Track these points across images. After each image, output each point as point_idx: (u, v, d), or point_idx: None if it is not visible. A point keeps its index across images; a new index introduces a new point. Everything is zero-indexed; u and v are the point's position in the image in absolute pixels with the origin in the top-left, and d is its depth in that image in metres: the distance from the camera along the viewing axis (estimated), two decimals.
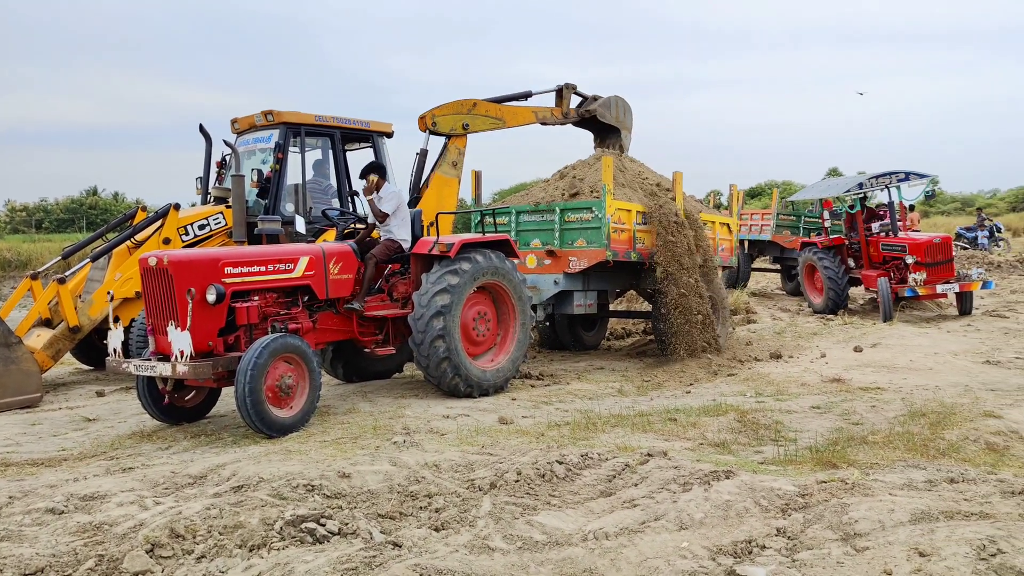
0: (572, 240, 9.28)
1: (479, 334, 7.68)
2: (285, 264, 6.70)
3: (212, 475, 4.86)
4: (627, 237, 9.26)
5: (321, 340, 7.08)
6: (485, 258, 7.58)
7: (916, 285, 12.98)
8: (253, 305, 6.41)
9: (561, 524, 4.00)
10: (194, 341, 5.91)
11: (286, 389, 6.14)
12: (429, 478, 4.74)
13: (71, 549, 3.73)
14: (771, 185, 54.43)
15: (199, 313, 6.05)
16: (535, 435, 5.90)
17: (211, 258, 6.35)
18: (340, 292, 7.09)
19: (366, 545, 3.72)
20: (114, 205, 54.09)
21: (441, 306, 7.13)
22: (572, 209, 9.30)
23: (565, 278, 9.26)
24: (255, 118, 9.95)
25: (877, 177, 14.32)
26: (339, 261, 7.08)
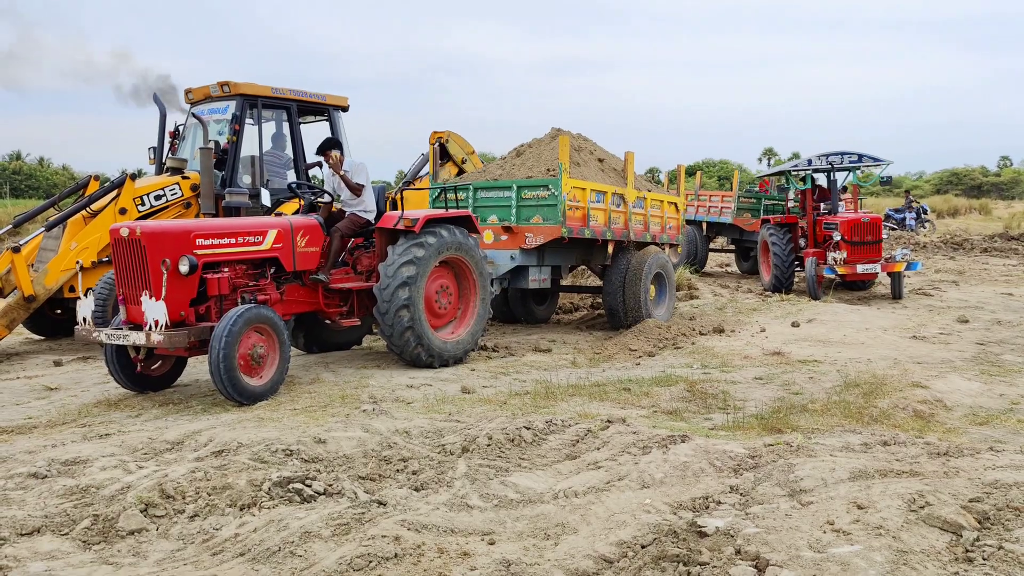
0: (528, 217, 9.58)
1: (441, 307, 7.92)
2: (254, 236, 6.82)
3: (189, 441, 5.00)
4: (582, 215, 9.59)
5: (288, 311, 7.22)
6: (449, 233, 7.80)
7: (835, 264, 13.15)
8: (224, 276, 6.52)
9: (533, 484, 4.30)
10: (168, 311, 6.01)
11: (257, 358, 6.28)
12: (401, 444, 4.97)
13: (62, 510, 3.86)
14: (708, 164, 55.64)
15: (172, 283, 6.14)
16: (498, 403, 6.18)
17: (183, 229, 6.44)
18: (306, 264, 7.25)
19: (352, 503, 3.95)
20: (39, 171, 52.14)
21: (407, 277, 7.35)
22: (529, 187, 9.61)
23: (521, 253, 9.56)
24: (210, 89, 9.88)
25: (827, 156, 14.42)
26: (306, 234, 7.22)
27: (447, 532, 3.62)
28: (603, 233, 9.92)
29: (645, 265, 10.22)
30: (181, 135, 10.29)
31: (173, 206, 9.25)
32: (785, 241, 14.61)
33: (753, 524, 3.56)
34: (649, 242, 10.86)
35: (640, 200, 10.70)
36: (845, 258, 13.25)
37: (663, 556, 3.29)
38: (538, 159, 10.20)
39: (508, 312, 11.38)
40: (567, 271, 10.90)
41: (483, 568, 3.25)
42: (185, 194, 9.35)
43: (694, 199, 19.34)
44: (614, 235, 10.13)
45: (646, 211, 10.81)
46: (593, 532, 3.62)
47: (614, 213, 10.14)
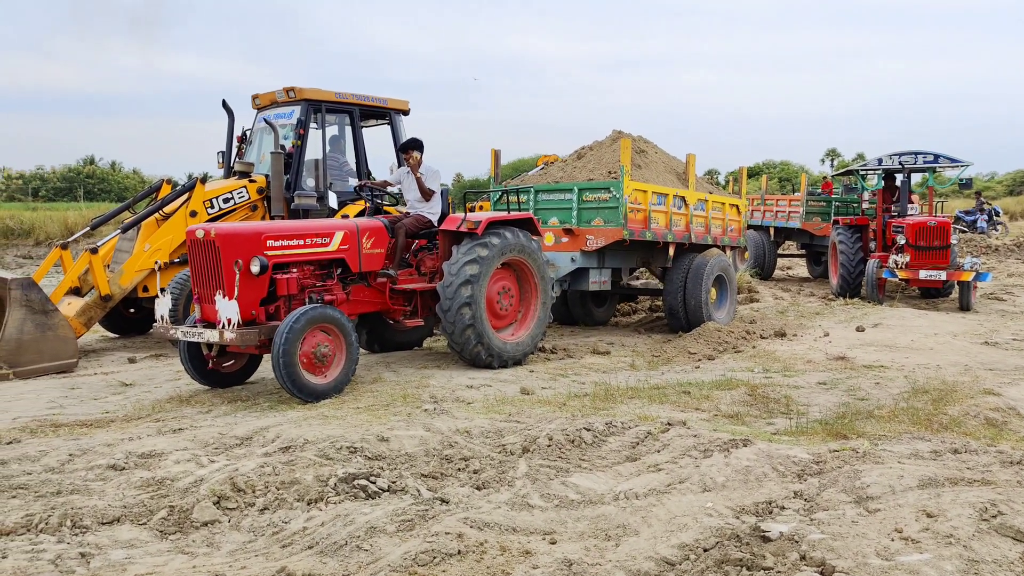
0: (589, 219, 9.57)
1: (502, 308, 7.98)
2: (322, 238, 7.01)
3: (257, 437, 5.16)
4: (643, 217, 9.57)
5: (353, 311, 7.39)
6: (512, 235, 7.89)
7: (897, 267, 12.71)
8: (292, 277, 6.71)
9: (593, 485, 4.31)
10: (241, 310, 6.21)
11: (321, 357, 6.42)
12: (462, 443, 5.04)
13: (139, 501, 4.02)
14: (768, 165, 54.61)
15: (244, 283, 6.35)
16: (557, 405, 6.21)
17: (255, 231, 6.65)
18: (372, 266, 7.40)
19: (416, 500, 4.02)
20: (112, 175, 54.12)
21: (470, 275, 7.45)
22: (590, 189, 9.58)
23: (582, 255, 9.58)
24: (276, 94, 10.13)
25: (900, 155, 13.94)
26: (371, 236, 7.38)
27: (509, 531, 3.66)
28: (664, 235, 9.89)
29: (706, 268, 10.13)
30: (248, 140, 10.58)
31: (240, 209, 9.52)
32: (853, 242, 14.25)
33: (818, 530, 3.52)
34: (710, 244, 10.79)
35: (701, 202, 10.62)
36: (908, 262, 12.83)
37: (726, 560, 3.28)
38: (599, 161, 10.21)
39: (567, 314, 11.40)
40: (627, 273, 10.89)
41: (545, 567, 3.28)
42: (252, 197, 9.61)
43: (760, 204, 18.94)
44: (675, 237, 10.08)
45: (707, 213, 10.71)
46: (654, 534, 3.62)
47: (675, 215, 10.08)
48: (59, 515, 3.76)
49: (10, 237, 26.93)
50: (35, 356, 7.53)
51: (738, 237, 11.57)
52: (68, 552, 3.44)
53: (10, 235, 26.99)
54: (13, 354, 7.43)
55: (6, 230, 27.14)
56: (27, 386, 7.17)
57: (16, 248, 26.16)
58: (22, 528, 3.67)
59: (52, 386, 7.18)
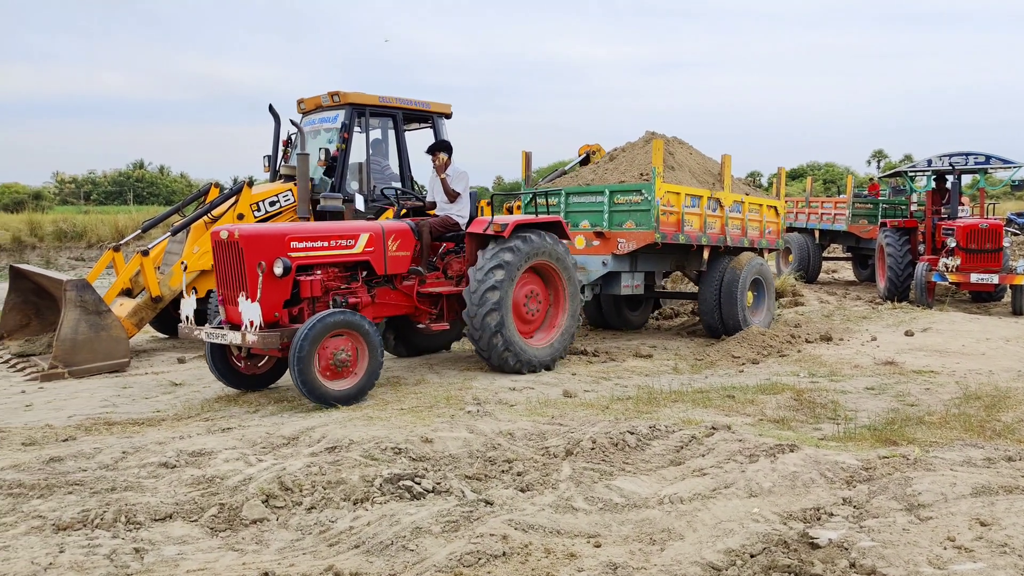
0: (621, 222, 9.43)
1: (530, 313, 7.89)
2: (347, 240, 6.97)
3: (304, 436, 5.23)
4: (675, 220, 9.41)
5: (379, 314, 7.34)
6: (539, 238, 7.77)
7: (947, 271, 12.50)
8: (316, 279, 6.67)
9: (637, 488, 4.29)
10: (263, 312, 6.21)
11: (340, 363, 6.32)
12: (505, 445, 5.06)
13: (190, 498, 4.11)
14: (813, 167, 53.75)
15: (267, 285, 6.34)
16: (600, 408, 6.19)
17: (279, 233, 6.64)
18: (397, 269, 7.34)
19: (460, 502, 4.05)
20: (160, 178, 55.38)
21: (496, 281, 7.36)
22: (622, 191, 9.44)
23: (613, 259, 9.45)
24: (321, 99, 10.28)
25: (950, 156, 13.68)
26: (397, 239, 7.33)
27: (553, 533, 3.67)
28: (698, 238, 9.74)
29: (742, 271, 9.96)
30: (293, 143, 10.74)
31: (286, 212, 9.66)
32: (901, 245, 13.98)
33: (868, 538, 3.46)
34: (747, 247, 10.61)
35: (737, 204, 10.42)
36: (958, 265, 12.57)
37: (773, 566, 3.24)
38: (631, 163, 10.07)
39: (601, 318, 11.30)
40: (661, 277, 10.73)
41: (590, 570, 3.27)
42: (296, 200, 9.76)
43: (804, 206, 18.65)
44: (709, 240, 9.91)
45: (744, 215, 10.53)
46: (700, 539, 3.60)
47: (710, 218, 9.90)
48: (113, 511, 3.86)
49: (64, 240, 27.70)
50: (89, 356, 7.75)
51: (777, 239, 11.35)
52: (122, 547, 3.52)
53: (64, 238, 27.77)
54: (68, 354, 7.65)
55: (60, 233, 27.93)
56: (81, 385, 7.38)
57: (69, 250, 26.93)
58: (78, 523, 3.77)
59: (105, 385, 7.38)
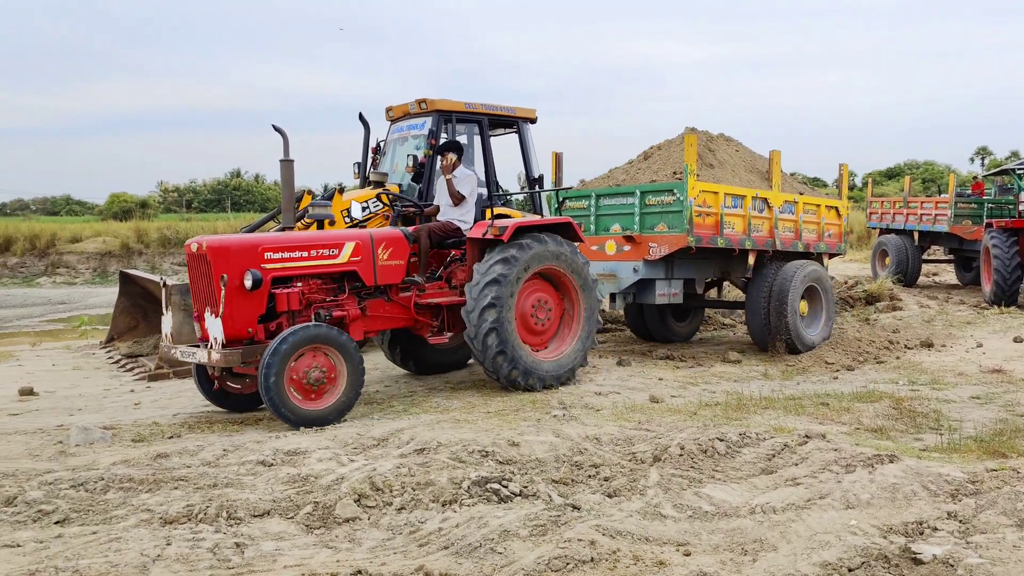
0: (653, 225, 8.70)
1: (539, 323, 7.23)
2: (329, 250, 6.51)
3: (393, 438, 5.34)
4: (713, 222, 8.64)
5: (373, 328, 6.88)
6: (539, 243, 7.08)
7: None
8: (294, 291, 6.26)
9: (727, 497, 4.21)
10: (228, 327, 5.90)
11: (313, 381, 5.94)
12: (592, 450, 5.04)
13: (286, 496, 4.25)
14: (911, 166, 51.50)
15: (236, 299, 5.97)
16: (688, 413, 6.10)
17: (251, 243, 6.27)
18: (390, 279, 6.83)
19: (548, 506, 4.05)
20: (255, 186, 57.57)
21: (492, 299, 6.73)
22: (653, 192, 8.71)
23: (645, 265, 8.70)
24: (409, 106, 10.48)
25: None
26: (389, 246, 6.81)
27: (641, 540, 3.63)
28: (740, 242, 8.93)
29: (794, 278, 8.99)
30: (382, 150, 10.99)
31: (376, 217, 9.88)
32: (1009, 247, 13.19)
33: (976, 554, 3.29)
34: (801, 252, 9.64)
35: (789, 205, 9.51)
36: None
37: None
38: (666, 162, 9.27)
39: (644, 329, 10.53)
40: (702, 284, 9.67)
41: None
42: (385, 206, 9.97)
43: (903, 206, 17.89)
44: (755, 244, 9.05)
45: (797, 217, 9.58)
46: (794, 551, 3.49)
47: (755, 219, 9.05)
48: (216, 506, 4.03)
49: (167, 246, 29.23)
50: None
51: (839, 243, 10.26)
52: (224, 542, 3.67)
53: (167, 244, 29.30)
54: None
55: (164, 239, 29.48)
56: (185, 385, 7.74)
57: (172, 256, 28.38)
58: (184, 517, 3.95)
59: None
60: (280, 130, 6.87)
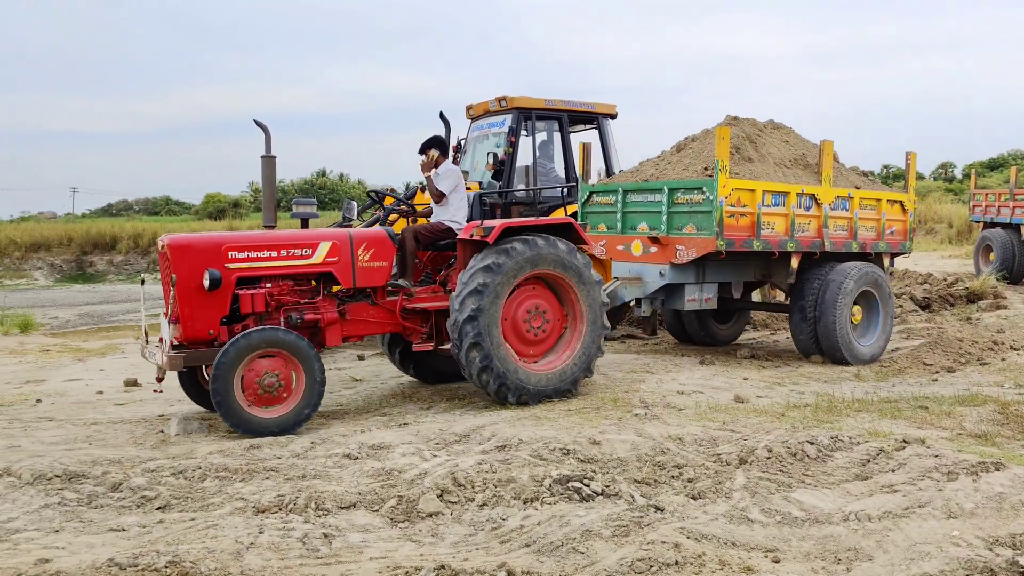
0: (681, 225, 7.98)
1: (534, 332, 6.59)
2: (301, 249, 6.18)
3: (475, 434, 5.38)
4: (748, 222, 7.86)
5: (354, 333, 6.53)
6: (529, 246, 6.41)
7: None
8: (259, 292, 5.98)
9: (818, 503, 4.07)
10: (187, 328, 5.75)
11: (268, 387, 5.64)
12: (675, 450, 4.95)
13: (371, 489, 4.33)
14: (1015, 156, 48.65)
15: (194, 299, 5.77)
16: (775, 415, 5.93)
17: (214, 242, 6.01)
18: (371, 281, 6.45)
19: (630, 506, 4.00)
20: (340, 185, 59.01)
21: (471, 311, 6.19)
22: (682, 188, 7.98)
23: (672, 269, 8.01)
24: (489, 104, 10.54)
25: None
26: (370, 247, 6.41)
27: (728, 544, 3.54)
28: (781, 244, 8.07)
29: (845, 281, 8.20)
30: (463, 149, 11.08)
31: None
32: None
33: None
34: (856, 252, 8.72)
35: (842, 200, 8.58)
36: None
37: None
38: (698, 155, 8.45)
39: (682, 332, 9.91)
40: (740, 288, 8.84)
41: None
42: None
43: (1009, 199, 16.96)
44: (799, 245, 8.18)
45: (852, 213, 8.66)
46: (891, 561, 3.35)
47: (800, 218, 8.18)
48: (305, 497, 4.14)
49: None
50: None
51: (903, 241, 9.25)
52: (313, 532, 3.77)
53: None
54: None
55: None
56: None
57: None
58: (275, 507, 4.07)
59: None
60: (262, 126, 6.68)
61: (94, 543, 3.64)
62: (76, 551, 3.52)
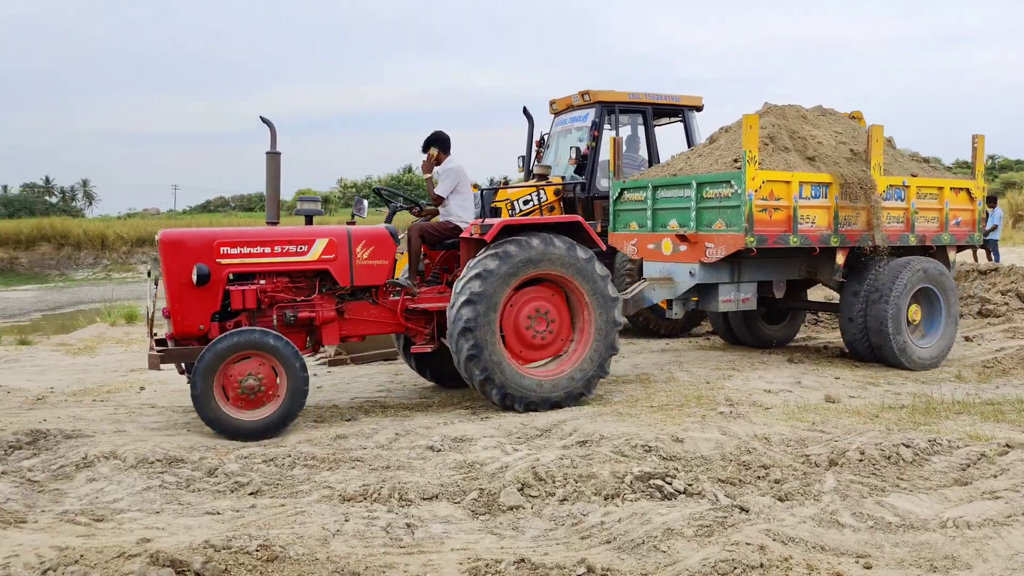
0: (711, 221, 7.47)
1: (537, 336, 6.29)
2: (296, 246, 6.04)
3: (556, 429, 5.38)
4: (783, 216, 7.29)
5: (354, 332, 6.36)
6: (523, 248, 6.10)
7: None
8: (250, 289, 5.83)
9: (914, 508, 3.90)
10: (176, 324, 5.73)
11: (248, 389, 5.51)
12: (761, 450, 4.83)
13: (453, 482, 4.38)
14: None
15: (185, 294, 5.72)
16: (868, 416, 5.72)
17: (206, 237, 5.91)
18: (370, 280, 6.26)
19: (713, 506, 3.93)
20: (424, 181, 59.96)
21: (471, 293, 5.96)
22: (711, 183, 7.48)
23: (702, 269, 7.54)
24: (572, 98, 10.51)
25: None
26: (369, 245, 6.23)
27: (816, 548, 3.44)
28: (823, 239, 7.48)
29: (899, 278, 7.59)
30: (546, 144, 11.08)
31: (539, 210, 9.99)
32: None
33: None
34: (914, 245, 8.04)
35: (896, 190, 7.89)
36: None
37: None
38: (729, 147, 7.88)
39: (730, 333, 9.39)
40: (782, 287, 8.13)
41: None
42: (549, 199, 10.05)
43: None
44: (844, 240, 7.55)
45: (908, 203, 7.96)
46: (991, 571, 3.19)
47: (846, 210, 7.53)
48: (389, 488, 4.22)
49: None
50: (367, 345, 8.56)
51: (970, 232, 8.49)
52: (396, 522, 3.84)
53: None
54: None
55: None
56: (361, 371, 8.18)
57: None
58: (360, 496, 4.18)
59: (381, 371, 8.12)
60: (268, 122, 6.57)
61: (191, 525, 3.82)
62: (175, 532, 3.70)
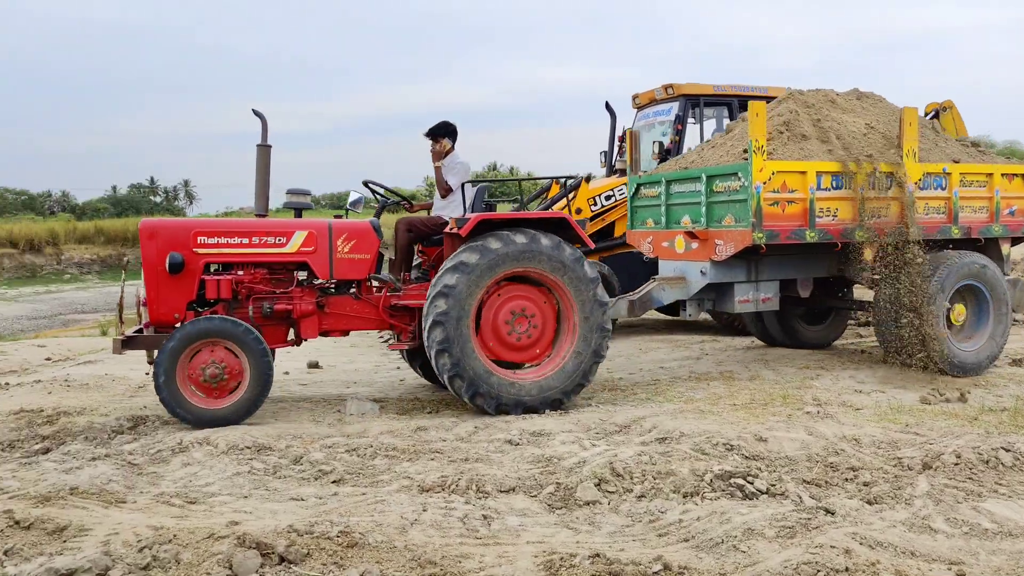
0: (721, 216, 6.98)
1: (516, 336, 6.07)
2: (275, 238, 6.01)
3: (635, 426, 5.33)
4: (799, 210, 6.73)
5: (333, 327, 6.24)
6: (504, 242, 5.89)
7: None
8: (225, 279, 5.86)
9: (1013, 515, 3.71)
10: (152, 311, 5.81)
11: (210, 378, 5.54)
12: (849, 451, 4.67)
13: (531, 475, 4.39)
14: None
15: (160, 282, 5.78)
16: (967, 418, 5.45)
17: (183, 226, 6.03)
18: (351, 274, 6.17)
19: (797, 507, 3.82)
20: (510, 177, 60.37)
21: (444, 285, 5.82)
22: (720, 176, 6.98)
23: (714, 267, 7.08)
24: (655, 92, 10.35)
25: None
26: (351, 239, 6.14)
27: (906, 554, 3.30)
28: (846, 233, 6.87)
29: (937, 275, 6.95)
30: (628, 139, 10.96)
31: (621, 205, 9.90)
32: None
33: None
34: (956, 238, 7.35)
35: (935, 178, 7.22)
36: None
37: None
38: (742, 136, 7.23)
39: (765, 332, 8.83)
40: (807, 286, 7.61)
41: None
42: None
43: None
44: (871, 234, 6.87)
45: (950, 192, 7.27)
46: None
47: (873, 201, 6.89)
48: (466, 479, 4.27)
49: None
50: None
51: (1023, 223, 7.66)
52: (473, 513, 3.88)
53: None
54: None
55: None
56: None
57: None
58: (438, 487, 4.24)
59: None
60: (260, 115, 6.48)
61: (277, 510, 3.95)
62: (261, 516, 3.83)
